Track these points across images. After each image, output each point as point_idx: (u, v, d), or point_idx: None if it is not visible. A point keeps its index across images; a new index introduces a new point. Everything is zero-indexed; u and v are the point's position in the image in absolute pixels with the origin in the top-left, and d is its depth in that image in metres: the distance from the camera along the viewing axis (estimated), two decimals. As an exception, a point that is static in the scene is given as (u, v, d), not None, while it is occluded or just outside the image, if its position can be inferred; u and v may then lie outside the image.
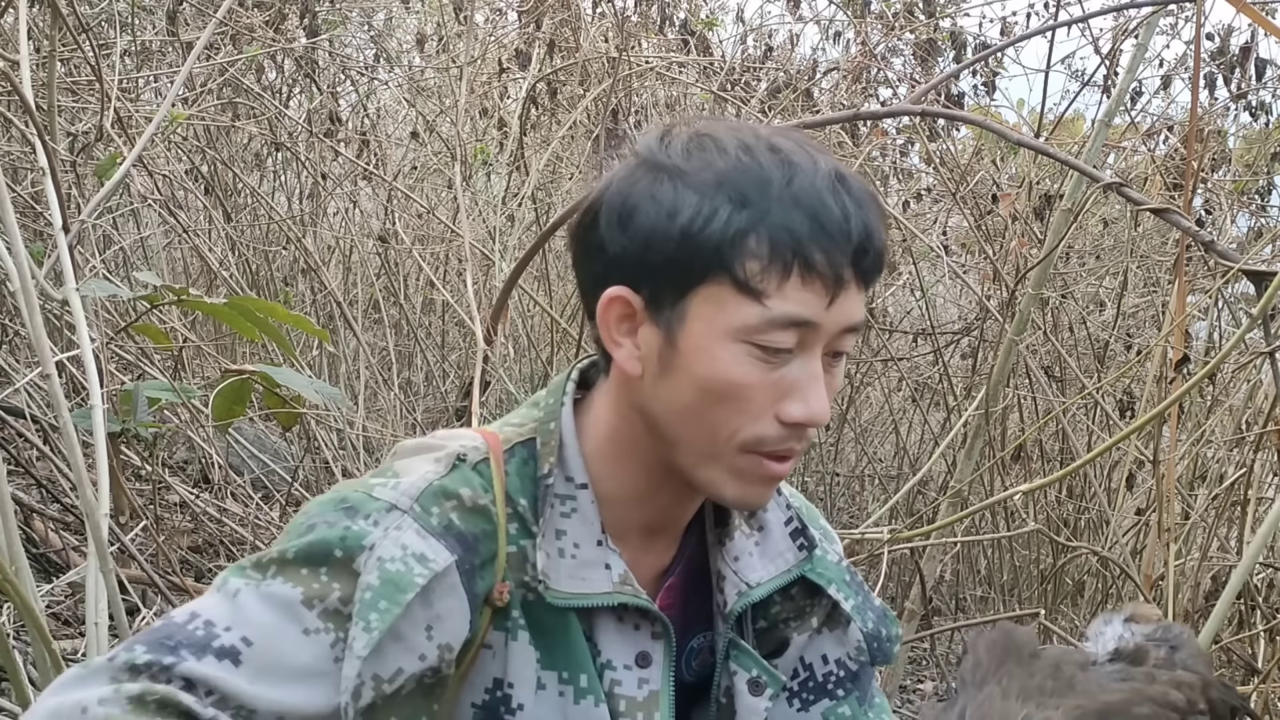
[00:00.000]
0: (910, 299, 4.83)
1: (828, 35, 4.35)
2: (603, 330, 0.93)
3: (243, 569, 0.87)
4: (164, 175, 3.80)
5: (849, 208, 0.87)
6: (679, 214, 0.87)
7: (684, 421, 0.91)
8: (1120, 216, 4.30)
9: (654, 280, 0.89)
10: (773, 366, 0.88)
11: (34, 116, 1.94)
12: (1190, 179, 2.56)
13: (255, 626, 0.83)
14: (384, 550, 0.86)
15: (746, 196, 0.86)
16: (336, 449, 3.67)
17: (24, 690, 1.39)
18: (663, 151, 0.90)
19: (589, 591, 0.93)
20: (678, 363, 0.89)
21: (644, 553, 1.01)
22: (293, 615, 0.84)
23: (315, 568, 0.86)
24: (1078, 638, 3.37)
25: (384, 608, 0.84)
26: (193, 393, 2.59)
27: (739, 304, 0.86)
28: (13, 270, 1.45)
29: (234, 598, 0.84)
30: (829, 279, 0.86)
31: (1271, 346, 1.65)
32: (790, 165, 0.87)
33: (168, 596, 2.14)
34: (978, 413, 3.04)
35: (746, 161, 0.87)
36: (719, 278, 0.87)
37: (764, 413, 0.89)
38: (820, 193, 0.86)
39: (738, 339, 0.87)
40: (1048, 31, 3.14)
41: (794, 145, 0.90)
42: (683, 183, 0.88)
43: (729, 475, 0.91)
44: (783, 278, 0.86)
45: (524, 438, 0.97)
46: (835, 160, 0.91)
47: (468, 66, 3.77)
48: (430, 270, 4.20)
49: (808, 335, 0.87)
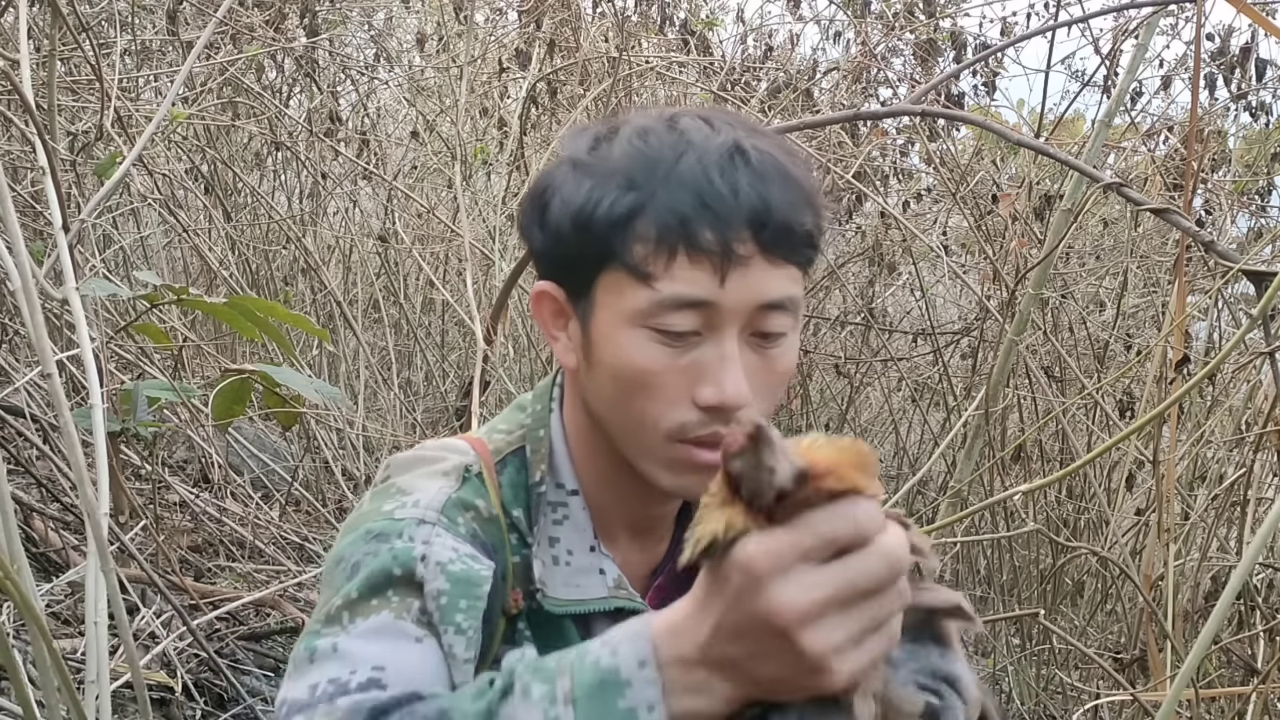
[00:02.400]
0: (910, 299, 4.83)
1: (828, 35, 4.36)
2: (540, 323, 0.94)
3: (317, 632, 0.83)
4: (164, 174, 3.81)
5: (740, 182, 0.84)
6: (572, 204, 0.87)
7: (612, 413, 0.91)
8: (1120, 216, 4.30)
9: (567, 273, 0.90)
10: (680, 350, 0.86)
11: (34, 116, 1.93)
12: (1190, 179, 2.56)
13: (375, 658, 0.80)
14: (439, 555, 0.85)
15: (634, 180, 0.85)
16: (336, 448, 3.68)
17: (24, 690, 1.39)
18: (571, 147, 0.91)
19: (585, 597, 0.93)
20: (594, 354, 0.89)
21: (635, 552, 1.00)
22: (398, 633, 0.82)
23: (383, 593, 0.83)
24: (1078, 636, 3.36)
25: (465, 606, 0.84)
26: (192, 392, 2.59)
27: (633, 288, 0.85)
28: (13, 270, 1.45)
29: (334, 652, 0.81)
30: (717, 256, 0.83)
31: (1271, 346, 1.65)
32: (682, 144, 0.85)
33: (167, 596, 2.14)
34: (978, 413, 3.04)
35: (639, 145, 0.86)
36: (613, 264, 0.86)
37: (680, 399, 0.86)
38: (708, 169, 0.84)
39: (635, 324, 0.86)
40: (1048, 31, 3.13)
41: (699, 124, 0.88)
42: (584, 174, 0.87)
43: (661, 466, 0.90)
44: (670, 259, 0.84)
45: (514, 446, 0.97)
46: (754, 133, 0.88)
47: (468, 66, 3.77)
48: (430, 270, 4.21)
49: (710, 316, 0.85)
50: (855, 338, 4.60)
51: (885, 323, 4.54)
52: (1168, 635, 2.33)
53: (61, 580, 2.35)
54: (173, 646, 2.27)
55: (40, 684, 1.45)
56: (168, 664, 2.26)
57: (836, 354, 4.59)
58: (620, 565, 0.97)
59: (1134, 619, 3.21)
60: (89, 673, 1.45)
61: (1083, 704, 3.21)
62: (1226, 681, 2.75)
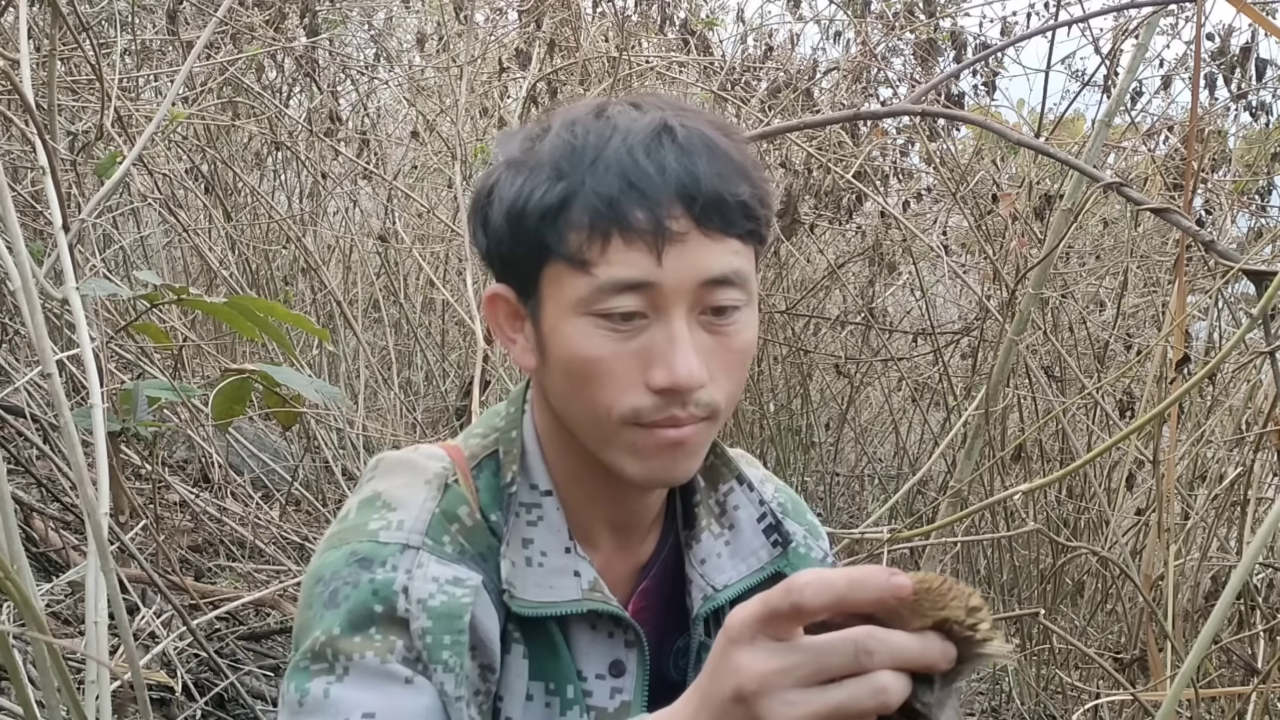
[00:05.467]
0: (910, 299, 4.83)
1: (828, 35, 4.36)
2: (494, 329, 0.94)
3: (303, 670, 0.84)
4: (164, 174, 3.80)
5: (666, 159, 0.83)
6: (505, 200, 0.87)
7: (569, 406, 0.90)
8: (1120, 216, 4.30)
9: (513, 272, 0.90)
10: (627, 335, 0.85)
11: (34, 115, 1.93)
12: (1190, 179, 2.56)
13: (366, 703, 0.81)
14: (419, 590, 0.86)
15: (561, 170, 0.84)
16: (336, 448, 3.67)
17: (24, 689, 1.39)
18: (508, 147, 0.90)
19: (557, 599, 0.92)
20: (546, 349, 0.89)
21: (619, 551, 0.99)
22: (386, 676, 0.83)
23: (365, 630, 0.84)
24: (1078, 636, 3.37)
25: (449, 642, 0.84)
26: (192, 392, 2.59)
27: (572, 278, 0.85)
28: (13, 269, 1.45)
29: (326, 699, 0.82)
30: (650, 235, 0.83)
31: (1271, 346, 1.65)
32: (607, 130, 0.85)
33: (167, 595, 2.14)
34: (978, 413, 3.04)
35: (565, 136, 0.86)
36: (552, 257, 0.85)
37: (633, 383, 0.85)
38: (633, 149, 0.83)
39: (579, 313, 0.85)
40: (1048, 31, 3.14)
41: (626, 109, 0.87)
42: (515, 172, 0.87)
43: (625, 453, 0.88)
44: (604, 243, 0.83)
45: (489, 450, 0.97)
46: (682, 112, 0.87)
47: (468, 66, 3.76)
48: (430, 270, 4.20)
49: (653, 297, 0.84)
50: (855, 338, 4.60)
51: (885, 322, 4.54)
52: (1168, 635, 2.33)
53: (61, 580, 2.34)
54: (173, 646, 2.27)
55: (40, 684, 1.45)
56: (168, 664, 2.26)
57: (836, 354, 4.59)
58: (602, 567, 0.96)
59: (1134, 619, 3.21)
60: (89, 673, 1.45)
61: (1083, 704, 3.21)
62: (1226, 681, 2.75)
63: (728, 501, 1.02)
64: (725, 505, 1.02)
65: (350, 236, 4.51)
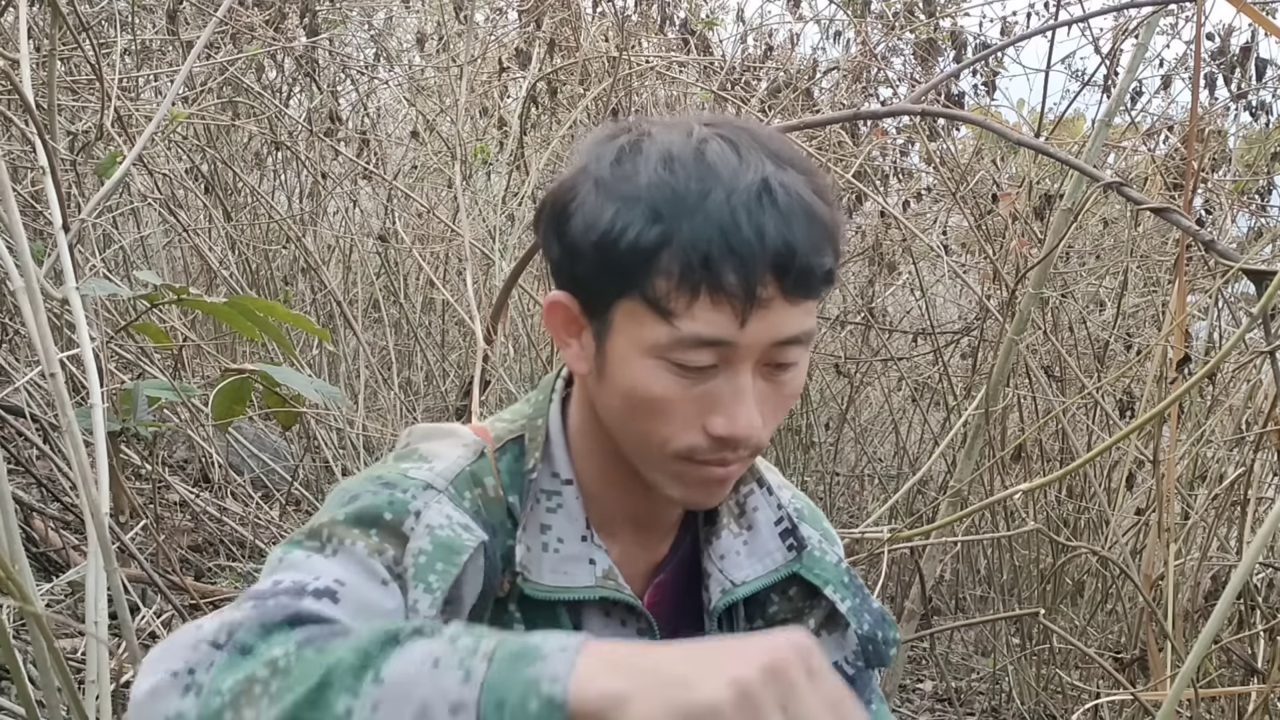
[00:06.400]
0: (910, 299, 4.83)
1: (828, 35, 4.36)
2: (551, 331, 0.95)
3: (297, 542, 0.86)
4: (164, 174, 3.80)
5: (765, 224, 0.83)
6: (595, 227, 0.86)
7: (619, 425, 0.92)
8: (1120, 216, 4.30)
9: (583, 289, 0.90)
10: (694, 381, 0.86)
11: (34, 115, 1.93)
12: (1190, 179, 2.56)
13: (340, 575, 0.82)
14: (431, 518, 0.88)
15: (659, 212, 0.84)
16: (336, 448, 3.67)
17: (25, 689, 1.39)
18: (595, 157, 0.89)
19: (571, 585, 0.94)
20: (608, 370, 0.90)
21: (637, 547, 1.01)
22: (367, 567, 0.84)
23: (366, 528, 0.86)
24: (1078, 636, 3.38)
25: (441, 569, 0.85)
26: (192, 392, 2.59)
27: (652, 322, 0.85)
28: (14, 269, 1.45)
29: (307, 560, 0.83)
30: (739, 299, 0.83)
31: (1271, 346, 1.65)
32: (710, 178, 0.84)
33: (167, 595, 2.14)
34: (978, 413, 3.04)
35: (663, 175, 0.85)
36: (633, 294, 0.86)
37: (692, 424, 0.88)
38: (735, 209, 0.83)
39: (652, 355, 0.86)
40: (1048, 31, 3.14)
41: (727, 152, 0.86)
42: (605, 194, 0.86)
43: (669, 478, 0.92)
44: (691, 298, 0.83)
45: (514, 435, 0.99)
46: (780, 164, 0.86)
47: (468, 66, 3.76)
48: (430, 270, 4.20)
49: (727, 353, 0.85)
50: (855, 337, 4.61)
51: (885, 322, 4.54)
52: (1168, 635, 2.33)
53: (62, 580, 2.34)
54: (173, 646, 2.26)
55: (40, 683, 1.45)
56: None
57: (836, 354, 4.59)
58: (619, 559, 0.98)
59: (1134, 619, 3.21)
60: (89, 673, 1.46)
61: (1083, 704, 3.21)
62: (1226, 681, 2.75)
63: (747, 503, 1.05)
64: (745, 506, 1.04)
65: (350, 236, 4.51)
